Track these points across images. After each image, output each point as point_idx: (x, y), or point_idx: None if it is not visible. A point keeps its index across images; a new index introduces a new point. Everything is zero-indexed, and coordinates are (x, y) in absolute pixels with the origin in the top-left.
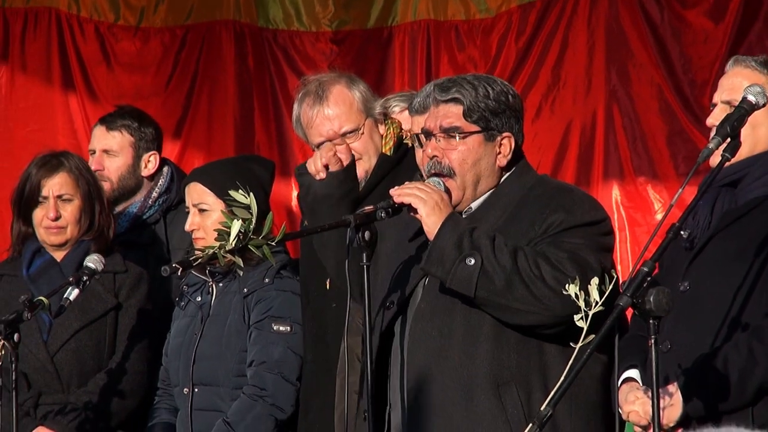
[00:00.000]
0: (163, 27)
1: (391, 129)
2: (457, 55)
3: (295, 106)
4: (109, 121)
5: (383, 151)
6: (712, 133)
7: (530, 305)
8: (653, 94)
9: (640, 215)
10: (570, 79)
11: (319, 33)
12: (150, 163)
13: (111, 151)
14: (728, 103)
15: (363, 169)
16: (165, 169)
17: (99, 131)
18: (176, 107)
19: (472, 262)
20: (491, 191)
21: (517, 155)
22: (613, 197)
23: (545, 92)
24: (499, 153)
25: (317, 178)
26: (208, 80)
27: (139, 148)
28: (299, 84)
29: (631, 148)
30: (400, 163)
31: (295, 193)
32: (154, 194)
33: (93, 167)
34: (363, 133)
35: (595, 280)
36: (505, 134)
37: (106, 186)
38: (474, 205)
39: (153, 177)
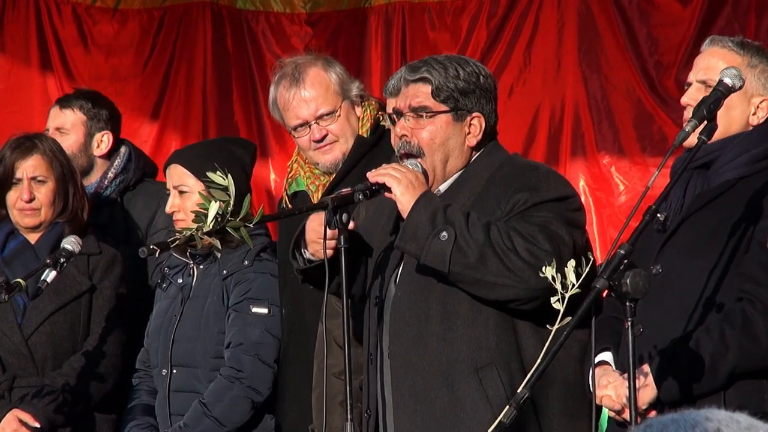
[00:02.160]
0: (141, 9)
1: (368, 111)
2: (431, 36)
3: (272, 88)
4: (63, 101)
5: (360, 133)
6: (686, 113)
7: (505, 278)
8: (620, 76)
9: (604, 197)
10: (539, 61)
11: (294, 15)
12: (102, 143)
13: (63, 129)
14: (704, 82)
15: (340, 151)
16: (122, 149)
17: (54, 110)
18: (154, 89)
19: (446, 236)
20: (460, 172)
21: (491, 136)
22: (579, 179)
23: (516, 74)
24: (469, 133)
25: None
26: (185, 62)
27: (92, 127)
28: (275, 66)
29: (596, 130)
30: (377, 145)
31: (272, 176)
32: (111, 174)
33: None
34: (339, 116)
35: (571, 263)
36: (474, 114)
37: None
38: (442, 187)
39: (109, 157)
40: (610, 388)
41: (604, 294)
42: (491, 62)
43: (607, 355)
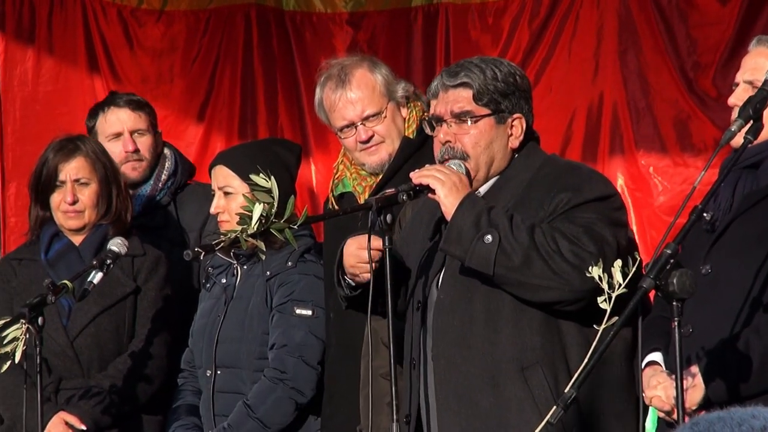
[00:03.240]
0: (187, 10)
1: (414, 112)
2: (473, 36)
3: (318, 89)
4: (131, 102)
5: (406, 134)
6: (734, 114)
7: (549, 281)
8: (658, 76)
9: (643, 197)
10: (578, 61)
11: (335, 14)
12: (161, 142)
13: (141, 130)
14: (750, 83)
15: (386, 152)
16: (167, 151)
17: (124, 113)
18: (199, 91)
19: (490, 239)
20: (499, 175)
21: (529, 136)
22: (618, 179)
23: (555, 74)
24: (511, 135)
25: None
26: (230, 63)
27: (155, 127)
28: (321, 67)
29: (635, 130)
30: (423, 146)
31: (314, 176)
32: (164, 176)
33: (128, 148)
34: (386, 117)
35: (618, 263)
36: (515, 115)
37: (143, 165)
38: (482, 189)
39: (158, 159)
40: (659, 388)
41: (653, 294)
42: (533, 63)
43: (656, 356)
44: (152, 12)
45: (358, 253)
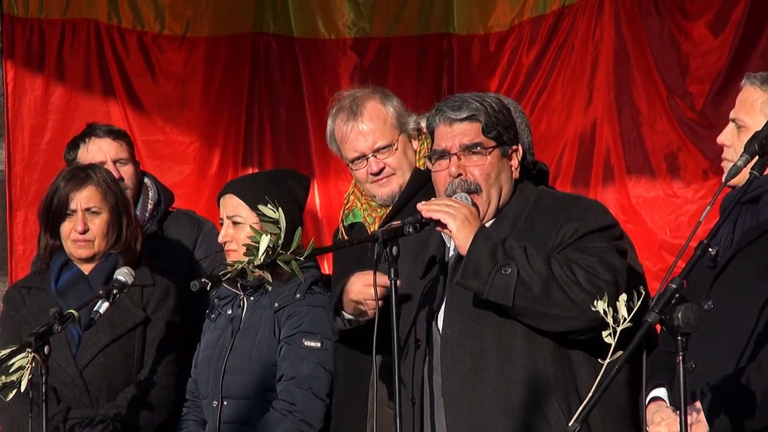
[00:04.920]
0: (208, 37)
1: (425, 144)
2: (474, 66)
3: (329, 121)
4: (111, 132)
5: (417, 166)
6: (724, 152)
7: (569, 310)
8: (651, 106)
9: (634, 228)
10: (572, 90)
11: (339, 40)
12: (140, 173)
13: (123, 159)
14: (734, 120)
15: (397, 184)
16: (147, 180)
17: (105, 143)
18: (222, 117)
19: (509, 271)
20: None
21: (523, 168)
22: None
23: (549, 103)
24: (512, 166)
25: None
26: (256, 91)
27: (134, 157)
28: (333, 99)
29: (627, 161)
30: None
31: (318, 205)
32: (150, 205)
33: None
34: (397, 149)
35: (623, 297)
36: (514, 146)
37: (127, 195)
38: (486, 225)
39: (140, 189)
40: (663, 425)
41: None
42: (530, 92)
43: (661, 391)
44: (174, 38)
45: (365, 290)
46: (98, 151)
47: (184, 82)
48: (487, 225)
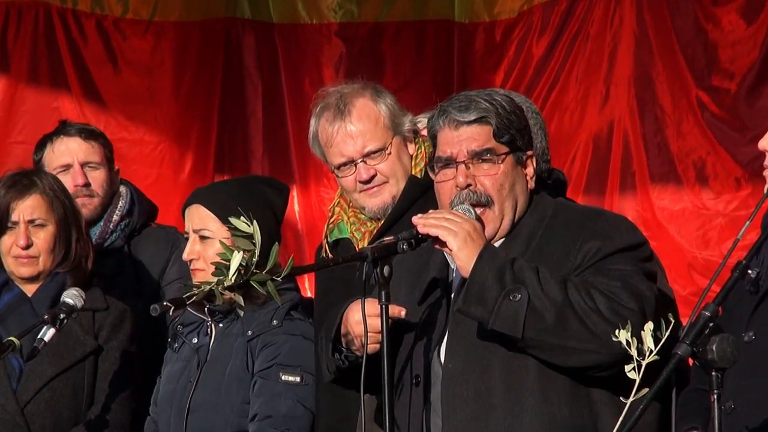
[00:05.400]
0: (177, 22)
1: (422, 148)
2: (477, 57)
3: (312, 120)
4: (82, 132)
5: (413, 173)
6: (767, 160)
7: (587, 342)
8: (677, 105)
9: (659, 245)
10: (587, 86)
11: (322, 25)
12: (118, 179)
13: (93, 163)
14: None
15: (389, 193)
16: (122, 189)
17: (74, 142)
18: (193, 115)
19: (518, 297)
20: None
21: (538, 176)
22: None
23: (561, 100)
24: (527, 175)
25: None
26: (229, 85)
27: (111, 162)
28: (317, 96)
29: (650, 167)
30: (432, 188)
31: (297, 213)
32: (116, 217)
33: (78, 182)
34: (390, 153)
35: (649, 326)
36: (528, 153)
37: (93, 203)
38: (496, 244)
39: (111, 198)
40: None
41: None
42: (539, 86)
43: None
44: (139, 23)
45: (369, 322)
46: (65, 151)
47: (151, 74)
48: (498, 243)
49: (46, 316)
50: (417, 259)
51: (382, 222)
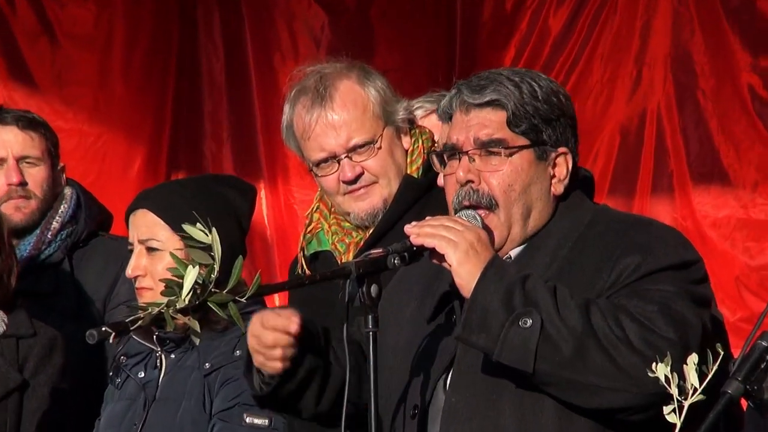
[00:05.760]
0: None
1: (420, 141)
2: (483, 33)
3: (286, 107)
4: (20, 120)
5: (408, 172)
6: None
7: (613, 379)
8: (721, 91)
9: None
10: (614, 67)
11: None
12: (63, 179)
13: (31, 158)
14: None
15: (380, 196)
16: (67, 191)
17: (10, 133)
18: (146, 100)
19: (529, 323)
20: (534, 233)
21: (574, 179)
22: None
23: (582, 83)
24: (554, 176)
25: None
26: (187, 64)
27: (54, 157)
28: (292, 77)
29: (691, 164)
30: (431, 190)
31: (266, 217)
32: (55, 225)
33: (12, 180)
34: (380, 147)
35: (693, 359)
36: (560, 150)
37: (30, 206)
38: (513, 252)
39: (53, 201)
40: None
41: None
42: (557, 66)
43: None
44: None
45: (263, 336)
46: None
47: (93, 49)
48: (516, 254)
49: None
50: (431, 266)
51: (371, 231)
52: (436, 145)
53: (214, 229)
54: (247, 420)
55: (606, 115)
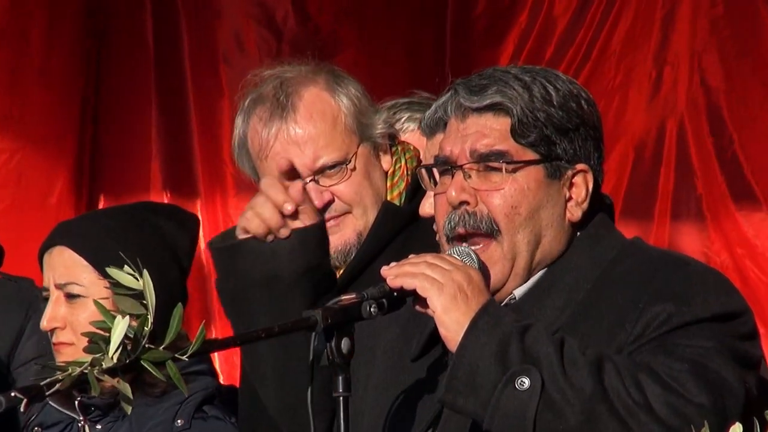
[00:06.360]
0: None
1: (403, 161)
2: (478, 27)
3: (238, 119)
4: None
5: (388, 198)
6: None
7: None
8: (765, 92)
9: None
10: (629, 67)
11: None
12: None
13: None
14: None
15: (353, 229)
16: None
17: None
18: (69, 111)
19: (527, 384)
20: (546, 268)
21: (596, 203)
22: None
23: (591, 86)
24: (570, 199)
25: (267, 238)
26: (104, 67)
27: None
28: (245, 82)
29: (722, 183)
30: (416, 220)
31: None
32: None
33: None
34: (354, 169)
35: (736, 429)
36: (579, 167)
37: None
38: (518, 291)
39: None
40: None
41: None
42: (562, 66)
43: None
44: None
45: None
46: None
47: (4, 46)
48: (521, 294)
49: None
50: None
51: (342, 271)
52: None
53: (146, 272)
54: None
55: (619, 126)
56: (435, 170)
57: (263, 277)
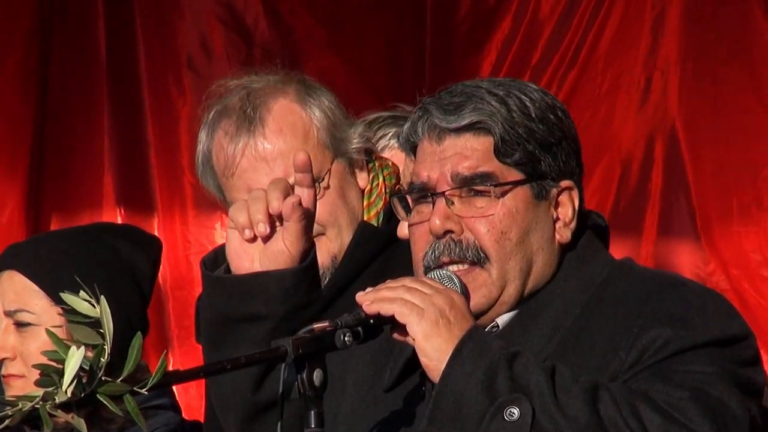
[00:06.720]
0: None
1: (381, 178)
2: (458, 33)
3: (202, 133)
4: None
5: (365, 218)
6: None
7: None
8: (764, 101)
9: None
10: (616, 74)
11: None
12: None
13: None
14: None
15: (327, 252)
16: None
17: None
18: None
19: (516, 414)
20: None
21: (581, 221)
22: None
23: (578, 94)
24: (557, 219)
25: (246, 234)
26: (57, 71)
27: None
28: (208, 94)
29: (711, 196)
30: (395, 242)
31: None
32: None
33: None
34: (327, 187)
35: None
36: (563, 184)
37: None
38: (501, 319)
39: None
40: None
41: None
42: (546, 75)
43: None
44: None
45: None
46: None
47: None
48: (506, 321)
49: None
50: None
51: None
52: (401, 184)
53: (103, 298)
54: None
55: (605, 137)
56: (410, 198)
57: (251, 314)
